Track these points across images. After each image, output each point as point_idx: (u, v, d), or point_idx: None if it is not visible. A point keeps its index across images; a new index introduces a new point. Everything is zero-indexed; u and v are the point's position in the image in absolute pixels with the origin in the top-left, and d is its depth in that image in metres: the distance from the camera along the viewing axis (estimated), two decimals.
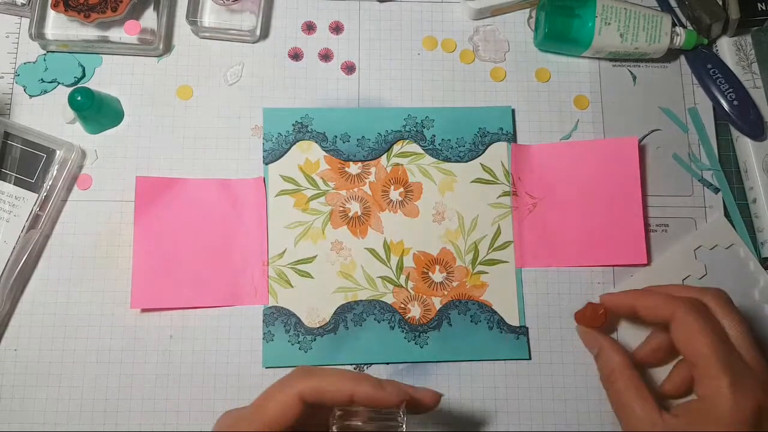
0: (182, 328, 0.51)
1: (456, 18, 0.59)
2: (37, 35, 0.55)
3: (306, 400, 0.38)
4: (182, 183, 0.54)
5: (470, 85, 0.57)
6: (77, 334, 0.51)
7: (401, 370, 0.51)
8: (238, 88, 0.56)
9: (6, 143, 0.53)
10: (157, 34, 0.56)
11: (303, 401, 0.38)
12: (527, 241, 0.54)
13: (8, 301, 0.51)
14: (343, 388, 0.38)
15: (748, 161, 0.56)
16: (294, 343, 0.51)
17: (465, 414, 0.51)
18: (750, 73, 0.58)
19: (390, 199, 0.54)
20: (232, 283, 0.52)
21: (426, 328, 0.52)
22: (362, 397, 0.38)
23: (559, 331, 0.53)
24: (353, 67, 0.57)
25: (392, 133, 0.55)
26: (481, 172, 0.55)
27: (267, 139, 0.55)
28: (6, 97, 0.55)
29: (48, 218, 0.52)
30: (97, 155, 0.54)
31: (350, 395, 0.38)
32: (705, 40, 0.58)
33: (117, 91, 0.56)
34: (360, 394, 0.38)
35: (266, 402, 0.39)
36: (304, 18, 0.58)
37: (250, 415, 0.39)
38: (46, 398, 0.50)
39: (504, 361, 0.52)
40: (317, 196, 0.54)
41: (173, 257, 0.52)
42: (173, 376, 0.51)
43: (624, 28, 0.55)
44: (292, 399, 0.38)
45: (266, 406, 0.39)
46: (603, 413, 0.51)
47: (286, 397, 0.38)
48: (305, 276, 0.53)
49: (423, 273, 0.53)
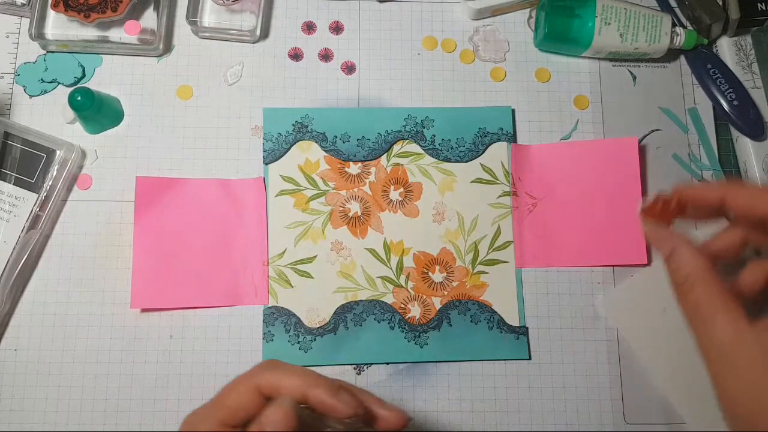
0: (182, 328, 0.52)
1: (456, 18, 0.59)
2: (37, 35, 0.55)
3: (265, 393, 0.37)
4: (182, 183, 0.54)
5: (470, 85, 0.57)
6: (77, 334, 0.51)
7: (401, 370, 0.51)
8: (238, 88, 0.56)
9: (6, 143, 0.53)
10: (157, 34, 0.56)
11: (261, 394, 0.37)
12: (527, 241, 0.54)
13: (8, 301, 0.51)
14: (298, 387, 0.37)
15: (748, 161, 0.56)
16: (294, 343, 0.51)
17: (465, 414, 0.51)
18: (750, 73, 0.58)
19: (390, 199, 0.54)
20: (232, 283, 0.52)
21: (426, 328, 0.52)
22: (314, 401, 0.37)
23: (559, 331, 0.53)
24: (353, 67, 0.57)
25: (392, 133, 0.55)
26: (481, 172, 0.55)
27: (267, 139, 0.55)
28: (6, 97, 0.55)
29: (48, 218, 0.52)
30: (97, 155, 0.54)
31: (304, 395, 0.37)
32: (705, 40, 0.58)
33: (117, 91, 0.56)
34: (312, 397, 0.36)
35: (226, 394, 0.38)
36: (304, 18, 0.58)
37: (209, 409, 0.38)
38: (46, 398, 0.50)
39: (504, 361, 0.52)
40: (317, 196, 0.54)
41: (173, 257, 0.52)
42: (173, 376, 0.51)
43: (624, 28, 0.55)
44: (250, 391, 0.37)
45: (225, 399, 0.38)
46: (603, 413, 0.51)
47: (245, 389, 0.38)
48: (305, 276, 0.53)
49: (423, 273, 0.53)
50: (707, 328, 0.36)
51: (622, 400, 0.51)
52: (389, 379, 0.51)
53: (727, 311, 0.35)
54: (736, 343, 0.34)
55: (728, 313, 0.35)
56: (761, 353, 0.33)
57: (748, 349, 0.33)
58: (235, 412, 0.37)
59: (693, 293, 0.37)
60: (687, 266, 0.38)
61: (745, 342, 0.34)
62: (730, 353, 0.34)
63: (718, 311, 0.35)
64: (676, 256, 0.39)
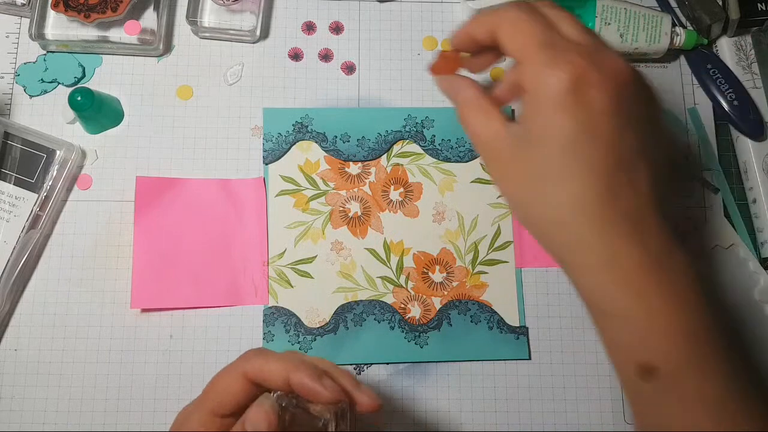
0: (182, 328, 0.51)
1: (456, 18, 0.59)
2: (37, 35, 0.55)
3: (251, 380, 0.38)
4: (182, 183, 0.54)
5: None
6: (77, 334, 0.51)
7: (401, 370, 0.51)
8: (238, 88, 0.56)
9: (6, 143, 0.53)
10: (157, 34, 0.56)
11: (249, 381, 0.38)
12: (527, 241, 0.54)
13: (8, 301, 0.51)
14: (282, 372, 0.37)
15: (748, 161, 0.56)
16: (294, 344, 0.51)
17: (465, 414, 0.51)
18: (750, 73, 0.58)
19: (390, 199, 0.54)
20: (232, 283, 0.52)
21: (426, 328, 0.52)
22: (297, 385, 0.37)
23: (559, 331, 0.53)
24: (353, 67, 0.57)
25: (392, 133, 0.55)
26: (481, 172, 0.55)
27: (267, 139, 0.55)
28: (6, 97, 0.55)
29: (48, 218, 0.52)
30: (97, 155, 0.54)
31: (287, 380, 0.37)
32: (705, 40, 0.58)
33: (117, 91, 0.56)
34: (295, 381, 0.37)
35: (214, 384, 0.39)
36: (304, 18, 0.58)
37: (199, 401, 0.39)
38: (46, 398, 0.50)
39: (504, 361, 0.52)
40: (317, 196, 0.54)
41: (173, 257, 0.52)
42: (173, 376, 0.51)
43: (624, 29, 0.55)
44: (237, 379, 0.38)
45: (214, 388, 0.38)
46: (603, 413, 0.51)
47: (232, 378, 0.38)
48: (305, 276, 0.53)
49: (423, 273, 0.53)
50: (473, 133, 0.40)
51: (622, 400, 0.51)
52: (389, 379, 0.51)
53: (487, 115, 0.39)
54: (494, 140, 0.39)
55: (489, 117, 0.39)
56: (510, 140, 0.38)
57: (501, 139, 0.38)
58: (224, 400, 0.38)
59: (464, 111, 0.41)
60: (465, 97, 0.41)
61: (500, 136, 0.38)
62: (492, 148, 0.39)
63: (479, 115, 0.40)
64: (458, 94, 0.42)
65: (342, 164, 0.55)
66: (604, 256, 0.36)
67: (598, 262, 0.36)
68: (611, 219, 0.36)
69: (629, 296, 0.36)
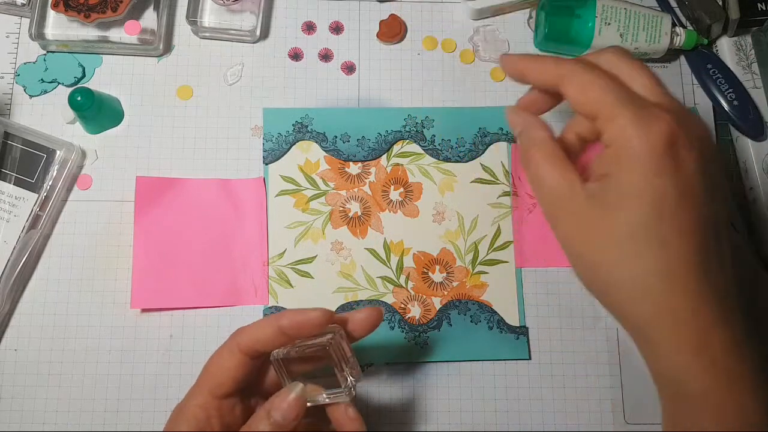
0: (182, 328, 0.51)
1: (456, 18, 0.59)
2: (37, 35, 0.55)
3: (245, 352, 0.39)
4: (182, 183, 0.54)
5: (470, 85, 0.57)
6: (77, 334, 0.51)
7: (401, 370, 0.51)
8: (238, 88, 0.56)
9: (6, 143, 0.53)
10: (157, 34, 0.56)
11: (243, 353, 0.39)
12: (527, 241, 0.54)
13: (8, 301, 0.51)
14: (272, 327, 0.39)
15: (748, 161, 0.56)
16: None
17: (465, 414, 0.51)
18: (750, 73, 0.58)
19: (390, 199, 0.54)
20: (232, 283, 0.52)
21: (426, 328, 0.52)
22: (288, 325, 0.38)
23: (559, 331, 0.53)
24: (353, 67, 0.57)
25: (392, 133, 0.55)
26: (481, 172, 0.55)
27: (267, 139, 0.55)
28: (6, 97, 0.55)
29: (48, 218, 0.52)
30: (97, 155, 0.54)
31: (278, 328, 0.38)
32: (705, 40, 0.58)
33: (117, 91, 0.56)
34: (284, 323, 0.38)
35: (208, 367, 0.39)
36: (304, 18, 0.58)
37: (196, 387, 0.40)
38: (46, 398, 0.50)
39: (504, 361, 0.52)
40: (317, 196, 0.54)
41: (173, 257, 0.52)
42: (173, 376, 0.51)
43: (624, 29, 0.55)
44: (232, 354, 0.39)
45: (208, 371, 0.39)
46: (603, 413, 0.51)
47: (226, 354, 0.39)
48: (305, 276, 0.53)
49: (423, 273, 0.53)
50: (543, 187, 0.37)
51: (622, 400, 0.51)
52: (389, 379, 0.51)
53: (563, 171, 0.36)
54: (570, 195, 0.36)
55: (565, 172, 0.36)
56: (586, 198, 0.35)
57: (577, 195, 0.35)
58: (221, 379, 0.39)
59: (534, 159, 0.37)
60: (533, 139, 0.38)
61: (576, 191, 0.35)
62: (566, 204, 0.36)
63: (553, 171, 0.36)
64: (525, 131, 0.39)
65: (342, 164, 0.55)
66: (696, 334, 0.33)
67: (688, 339, 0.33)
68: (705, 294, 0.33)
69: (717, 380, 0.33)
